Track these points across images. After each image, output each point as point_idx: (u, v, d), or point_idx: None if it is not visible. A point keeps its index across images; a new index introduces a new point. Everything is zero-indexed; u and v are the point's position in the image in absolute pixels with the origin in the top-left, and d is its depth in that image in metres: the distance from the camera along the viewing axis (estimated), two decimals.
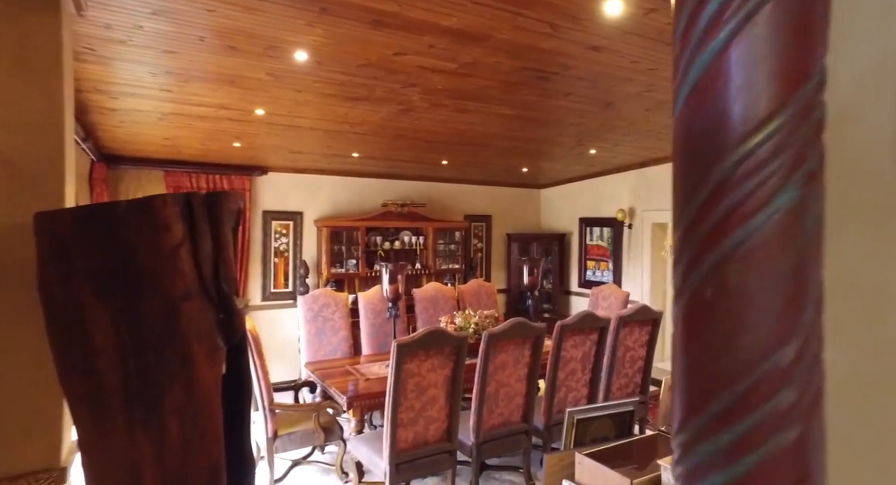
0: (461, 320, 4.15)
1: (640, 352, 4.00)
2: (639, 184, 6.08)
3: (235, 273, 1.68)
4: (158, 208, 1.40)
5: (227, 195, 1.53)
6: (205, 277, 1.52)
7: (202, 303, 1.50)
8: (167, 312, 1.44)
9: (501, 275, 7.29)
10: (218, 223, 1.57)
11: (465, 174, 6.50)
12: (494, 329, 3.15)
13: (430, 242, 6.25)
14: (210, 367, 1.54)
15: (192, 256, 1.52)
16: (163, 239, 1.40)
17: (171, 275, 1.45)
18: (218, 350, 1.55)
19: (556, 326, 3.46)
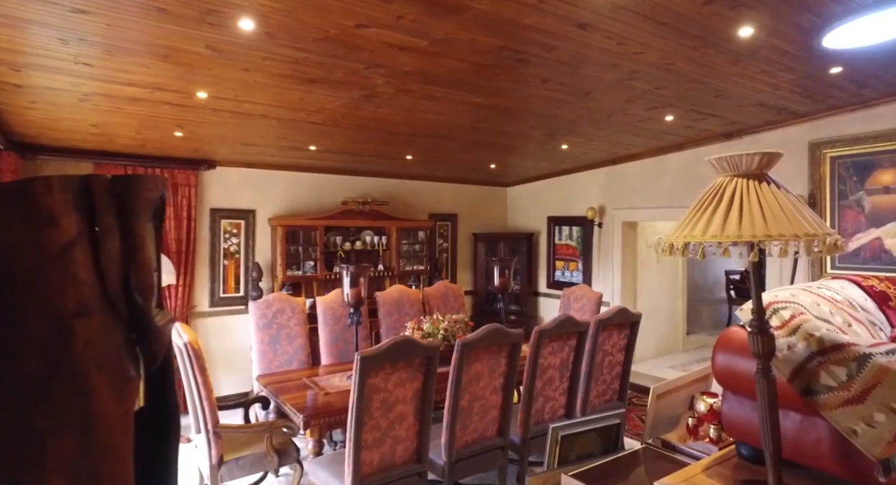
0: (429, 326, 3.84)
1: (618, 357, 3.80)
2: (609, 181, 5.94)
3: (153, 280, 1.33)
4: (40, 195, 1.02)
5: (141, 179, 1.16)
6: (109, 286, 1.14)
7: (105, 320, 1.12)
8: (54, 335, 1.05)
9: (468, 276, 7.03)
10: (129, 216, 1.19)
11: (431, 171, 6.20)
12: (469, 337, 2.86)
13: (393, 243, 5.92)
14: (117, 402, 1.17)
15: (90, 258, 1.12)
16: (47, 236, 1.02)
17: (59, 284, 1.06)
18: (128, 380, 1.17)
19: (533, 332, 3.20)
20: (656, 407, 2.96)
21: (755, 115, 4.08)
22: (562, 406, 3.52)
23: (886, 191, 3.86)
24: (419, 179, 6.48)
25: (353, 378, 2.50)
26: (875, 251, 3.92)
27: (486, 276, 6.90)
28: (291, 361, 4.05)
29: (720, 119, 4.14)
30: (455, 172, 6.39)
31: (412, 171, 6.12)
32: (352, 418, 2.50)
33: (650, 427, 2.88)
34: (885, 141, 3.83)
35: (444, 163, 5.76)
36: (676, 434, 2.75)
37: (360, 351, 2.47)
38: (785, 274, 4.44)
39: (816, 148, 4.18)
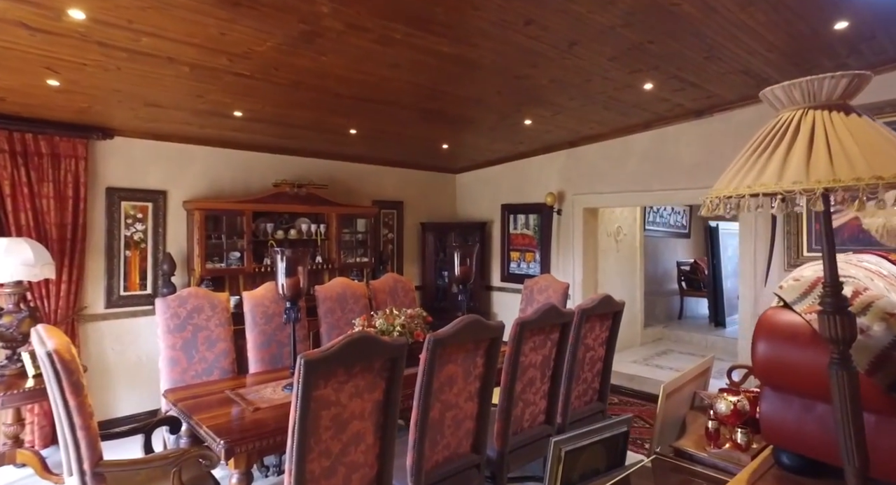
0: (382, 323, 3.22)
1: (599, 351, 3.36)
2: (569, 165, 5.56)
3: None
4: None
5: None
6: None
7: None
8: None
9: (415, 269, 6.43)
10: None
11: (375, 151, 5.55)
12: (442, 333, 2.28)
13: (333, 231, 5.21)
14: None
15: None
16: None
17: None
18: None
19: (513, 324, 2.67)
20: (667, 408, 2.53)
21: (734, 87, 3.79)
22: (542, 411, 3.02)
23: None
24: (362, 161, 5.81)
25: (294, 390, 1.85)
26: (853, 232, 3.74)
27: (436, 269, 6.33)
28: (212, 371, 3.29)
29: (698, 91, 3.82)
30: (402, 154, 5.78)
31: (355, 151, 5.44)
32: (293, 444, 1.85)
33: (659, 433, 2.43)
34: None
35: (392, 142, 5.14)
36: (690, 440, 2.31)
37: (304, 354, 1.82)
38: (759, 259, 4.21)
39: None
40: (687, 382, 2.64)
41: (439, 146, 5.39)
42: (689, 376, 2.66)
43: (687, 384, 2.64)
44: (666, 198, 4.77)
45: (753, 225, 4.22)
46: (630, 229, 6.38)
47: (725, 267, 6.86)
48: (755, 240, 4.21)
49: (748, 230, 4.25)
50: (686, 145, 4.62)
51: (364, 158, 5.76)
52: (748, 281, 4.26)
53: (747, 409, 2.19)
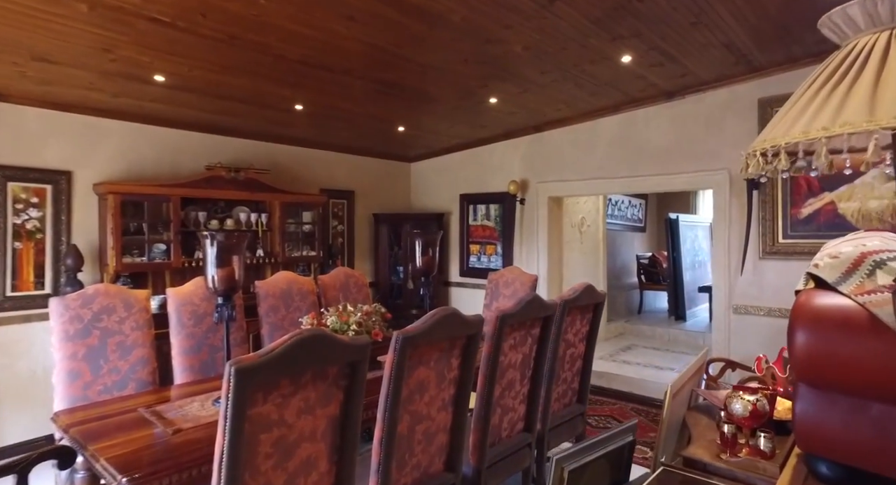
0: (334, 320, 2.76)
1: (579, 348, 3.04)
2: (533, 152, 5.26)
3: None
4: None
5: None
6: None
7: None
8: None
9: (367, 265, 5.95)
10: None
11: (324, 134, 5.04)
12: (413, 329, 1.86)
13: (276, 222, 4.66)
14: None
15: None
16: None
17: None
18: None
19: (494, 318, 2.29)
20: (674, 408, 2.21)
21: (712, 64, 3.58)
22: (521, 417, 2.65)
23: (840, 151, 3.55)
24: (310, 145, 5.28)
25: (222, 408, 1.37)
26: (829, 217, 3.61)
27: (391, 264, 5.88)
28: (125, 383, 2.71)
29: (675, 67, 3.58)
30: (353, 139, 5.29)
31: (301, 133, 4.91)
32: (219, 480, 1.38)
33: (664, 440, 2.11)
34: None
35: (342, 123, 4.65)
36: (700, 447, 1.99)
37: (235, 360, 1.35)
38: (734, 247, 4.03)
39: (767, 106, 3.81)
40: (687, 380, 2.34)
41: (395, 129, 4.94)
42: (689, 373, 2.37)
43: (687, 383, 2.35)
44: (635, 185, 4.54)
45: (727, 211, 4.04)
46: (593, 221, 6.17)
47: (685, 260, 6.81)
48: (729, 227, 4.04)
49: (721, 217, 4.07)
50: (656, 129, 4.41)
51: (312, 142, 5.24)
52: (721, 271, 4.08)
53: (767, 409, 1.91)
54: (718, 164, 4.07)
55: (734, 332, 4.02)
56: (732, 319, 4.02)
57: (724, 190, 4.05)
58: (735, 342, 4.01)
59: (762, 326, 3.89)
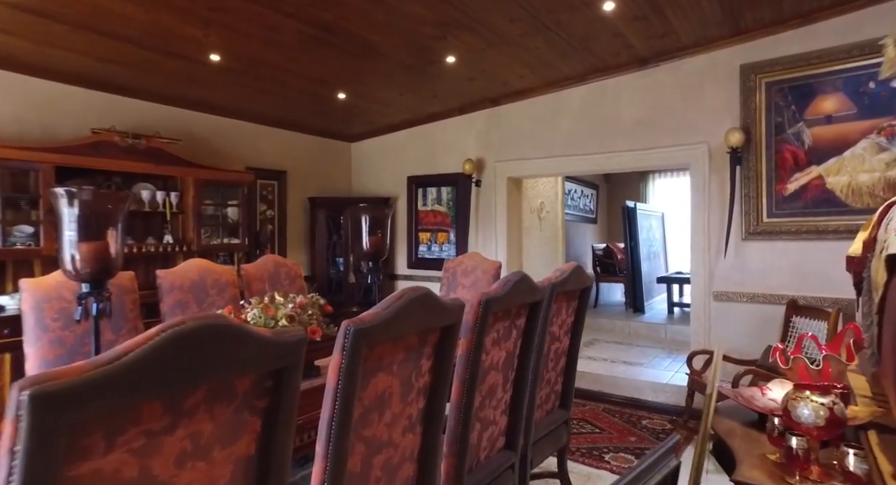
0: (257, 313, 2.10)
1: (564, 342, 2.53)
2: (490, 128, 4.74)
3: None
4: None
5: None
6: None
7: None
8: None
9: (302, 256, 5.22)
10: None
11: (250, 102, 4.28)
12: (371, 319, 1.24)
13: (190, 203, 3.86)
14: None
15: None
16: None
17: None
18: None
19: (476, 304, 1.71)
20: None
21: (698, 22, 3.20)
22: (502, 432, 2.09)
23: (828, 120, 3.28)
24: (234, 116, 4.50)
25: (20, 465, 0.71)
26: (817, 193, 3.33)
27: (329, 255, 5.18)
28: None
29: (658, 24, 3.17)
30: (286, 109, 4.55)
31: (222, 98, 4.13)
32: None
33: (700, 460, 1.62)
34: (829, 62, 3.25)
35: (271, 84, 3.92)
36: (754, 467, 1.52)
37: (30, 380, 0.70)
38: (714, 229, 3.69)
39: (749, 72, 3.49)
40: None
41: (334, 96, 4.27)
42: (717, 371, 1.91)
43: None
44: (605, 162, 4.13)
45: (705, 189, 3.69)
46: (552, 206, 5.76)
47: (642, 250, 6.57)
48: (708, 207, 3.69)
49: (700, 195, 3.72)
50: (628, 101, 4.01)
51: (236, 112, 4.45)
52: (700, 255, 3.73)
53: (845, 415, 1.46)
54: (696, 137, 3.72)
55: (715, 320, 3.68)
56: (713, 306, 3.68)
57: (702, 166, 3.70)
58: (716, 332, 3.67)
59: (745, 314, 3.57)
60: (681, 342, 5.46)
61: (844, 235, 3.22)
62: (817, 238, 3.32)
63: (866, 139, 3.16)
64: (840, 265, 3.40)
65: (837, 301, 3.24)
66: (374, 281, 2.87)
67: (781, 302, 3.41)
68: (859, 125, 3.18)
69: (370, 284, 2.90)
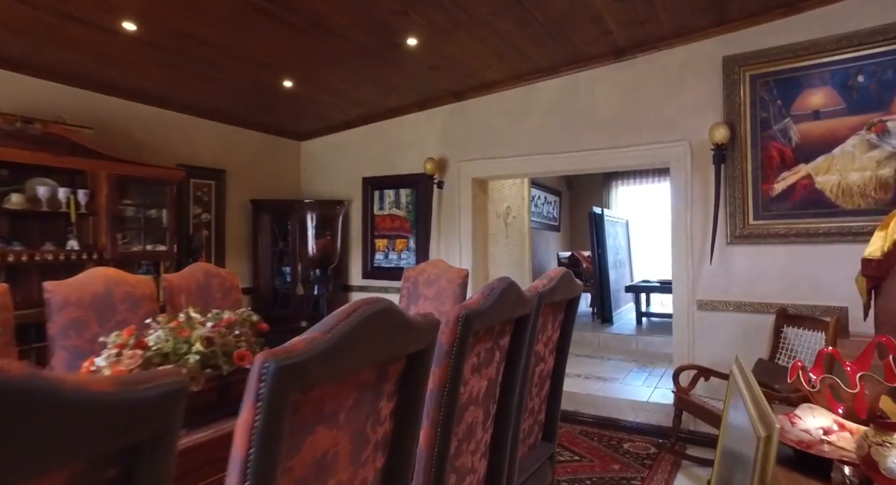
0: (162, 336, 1.61)
1: (548, 363, 2.14)
2: (453, 124, 4.36)
3: None
4: None
5: None
6: None
7: None
8: None
9: (244, 266, 4.65)
10: None
11: (179, 88, 3.73)
12: (300, 347, 0.80)
13: (103, 202, 3.28)
14: None
15: None
16: None
17: None
18: None
19: (454, 320, 1.29)
20: None
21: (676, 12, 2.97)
22: (481, 480, 1.67)
23: (816, 116, 3.08)
24: (161, 104, 3.93)
25: None
26: (806, 193, 3.11)
27: (274, 264, 4.63)
28: None
29: (642, 8, 2.89)
30: (224, 99, 4.02)
31: (144, 81, 3.57)
32: None
33: None
34: (815, 53, 3.05)
35: (203, 65, 3.40)
36: None
37: None
38: (696, 233, 3.42)
39: (733, 65, 3.26)
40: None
41: (279, 84, 3.78)
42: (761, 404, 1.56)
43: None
44: (579, 161, 3.81)
45: (687, 190, 3.43)
46: (519, 211, 5.43)
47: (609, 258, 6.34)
48: (690, 209, 3.43)
49: (681, 196, 3.45)
50: (603, 95, 3.72)
51: (164, 100, 3.89)
52: (682, 261, 3.45)
53: None
54: (677, 134, 3.46)
55: (698, 332, 3.40)
56: (696, 316, 3.40)
57: (683, 165, 3.44)
58: (700, 344, 3.39)
59: (731, 324, 3.30)
60: (653, 354, 5.21)
61: (836, 237, 3.01)
62: (807, 242, 3.09)
63: (856, 136, 2.97)
64: (832, 271, 3.20)
65: (829, 309, 3.02)
66: (322, 292, 2.41)
67: (770, 311, 3.16)
68: (848, 121, 2.98)
69: (317, 295, 2.42)
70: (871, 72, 2.91)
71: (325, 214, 2.43)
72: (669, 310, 6.65)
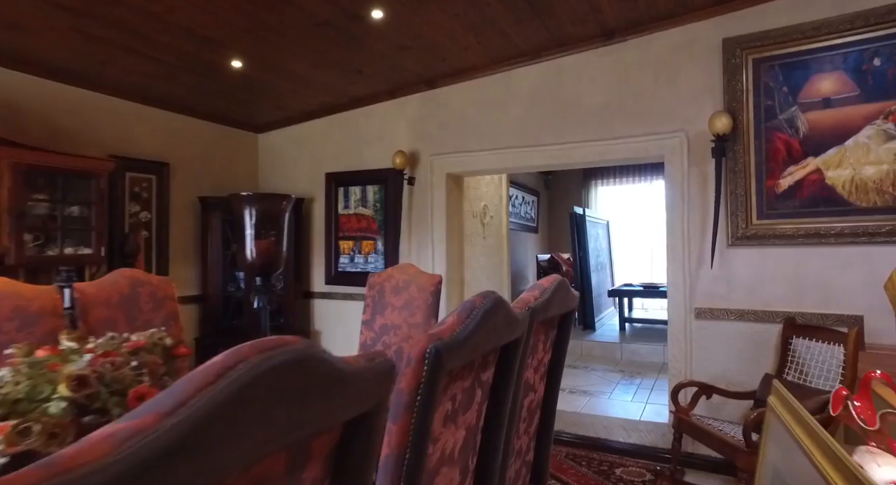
0: (7, 377, 1.14)
1: (539, 391, 1.75)
2: (426, 114, 3.97)
3: None
4: None
5: None
6: None
7: None
8: None
9: (192, 272, 4.15)
10: None
11: (106, 66, 3.23)
12: (140, 425, 0.39)
13: (4, 196, 2.76)
14: None
15: None
16: None
17: None
18: None
19: (419, 356, 0.88)
20: None
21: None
22: None
23: (826, 104, 2.78)
24: (87, 85, 3.42)
25: None
26: (815, 190, 2.81)
27: (226, 269, 4.15)
28: None
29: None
30: (163, 80, 3.53)
31: (59, 57, 3.06)
32: None
33: None
34: (826, 34, 2.75)
35: (134, 38, 2.92)
36: None
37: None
38: (694, 234, 3.09)
39: (734, 48, 2.94)
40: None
41: (226, 64, 3.32)
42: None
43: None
44: (565, 155, 3.46)
45: (684, 186, 3.10)
46: (497, 211, 5.05)
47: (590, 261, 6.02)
48: (686, 208, 3.10)
49: (677, 194, 3.13)
50: (591, 82, 3.38)
51: (89, 80, 3.38)
52: (678, 264, 3.12)
53: None
54: (672, 124, 3.13)
55: (697, 343, 3.07)
56: (694, 326, 3.07)
57: (679, 159, 3.11)
58: (699, 357, 3.06)
59: (732, 334, 2.98)
60: (638, 364, 4.90)
61: (849, 238, 2.71)
62: (817, 243, 2.79)
63: (871, 125, 2.68)
64: (845, 276, 2.87)
65: (843, 318, 2.72)
66: (263, 305, 1.97)
67: (776, 320, 2.85)
68: (863, 109, 2.69)
69: (258, 308, 1.98)
70: (888, 54, 2.63)
71: (266, 211, 1.99)
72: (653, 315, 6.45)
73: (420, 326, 2.81)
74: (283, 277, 4.25)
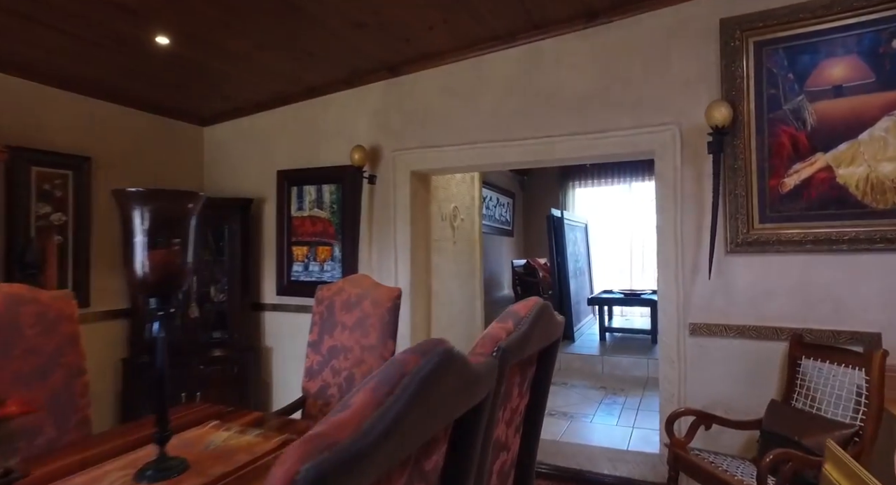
0: None
1: (513, 447, 1.34)
2: (388, 104, 3.54)
3: None
4: None
5: None
6: None
7: None
8: None
9: (117, 282, 3.62)
10: None
11: (7, 41, 2.72)
12: None
13: None
14: None
15: None
16: None
17: None
18: None
19: (284, 476, 0.46)
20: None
21: None
22: None
23: (838, 92, 2.46)
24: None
25: None
26: (824, 189, 2.48)
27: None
28: None
29: None
30: (78, 59, 3.03)
31: None
32: None
33: None
34: (838, 13, 2.43)
35: (38, 8, 2.43)
36: None
37: None
38: (688, 241, 2.73)
39: (733, 29, 2.60)
40: None
41: (150, 40, 2.83)
42: None
43: None
44: (543, 150, 3.07)
45: (676, 186, 2.75)
46: (468, 213, 4.65)
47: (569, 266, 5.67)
48: (679, 210, 2.74)
49: (669, 194, 2.77)
50: (572, 68, 3.00)
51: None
52: (670, 275, 2.76)
53: None
54: (663, 116, 2.78)
55: (691, 363, 2.71)
56: (689, 343, 2.71)
57: (671, 155, 2.76)
58: (694, 379, 2.70)
59: (732, 353, 2.63)
60: (621, 378, 4.56)
61: (863, 245, 2.39)
62: (827, 250, 2.46)
63: (889, 117, 2.36)
64: (859, 287, 2.49)
65: (857, 335, 2.39)
66: (159, 332, 1.51)
67: (782, 337, 2.51)
68: (879, 98, 2.38)
69: (154, 335, 1.52)
70: None
71: (165, 212, 1.54)
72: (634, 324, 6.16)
73: (374, 349, 2.38)
74: (225, 288, 3.77)
